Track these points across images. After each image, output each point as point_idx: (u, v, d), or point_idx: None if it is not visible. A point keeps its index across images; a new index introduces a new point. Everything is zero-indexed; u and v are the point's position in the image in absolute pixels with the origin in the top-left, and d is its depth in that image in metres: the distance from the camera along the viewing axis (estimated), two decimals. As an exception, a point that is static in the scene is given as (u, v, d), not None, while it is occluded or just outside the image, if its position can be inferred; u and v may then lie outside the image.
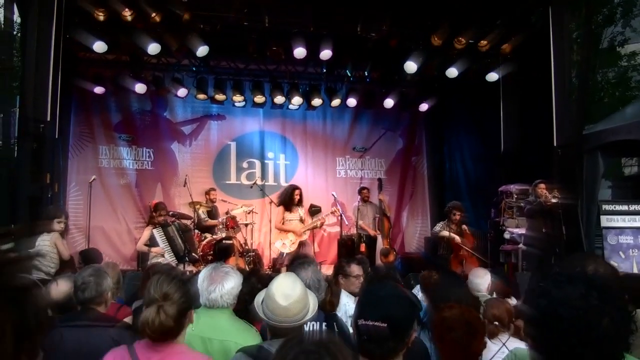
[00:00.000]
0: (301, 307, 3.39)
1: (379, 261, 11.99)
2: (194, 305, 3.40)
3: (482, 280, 5.95)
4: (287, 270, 4.38)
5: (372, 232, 12.54)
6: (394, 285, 3.04)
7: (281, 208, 11.75)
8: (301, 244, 11.53)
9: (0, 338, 1.13)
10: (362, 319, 2.55)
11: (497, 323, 4.61)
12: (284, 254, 11.45)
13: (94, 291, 4.02)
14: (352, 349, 2.70)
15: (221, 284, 3.86)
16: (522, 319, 3.54)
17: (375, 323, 2.49)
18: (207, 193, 12.68)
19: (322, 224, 12.26)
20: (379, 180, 13.46)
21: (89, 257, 9.66)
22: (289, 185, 12.29)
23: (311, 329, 4.01)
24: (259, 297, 3.55)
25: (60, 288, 4.31)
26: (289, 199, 11.66)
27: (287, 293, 3.36)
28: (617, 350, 1.86)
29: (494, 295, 5.70)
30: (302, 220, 11.72)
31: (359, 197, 12.98)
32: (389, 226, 13.07)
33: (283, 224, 11.60)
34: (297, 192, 11.72)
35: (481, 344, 3.31)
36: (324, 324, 4.19)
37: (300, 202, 11.80)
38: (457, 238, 10.78)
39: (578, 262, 2.64)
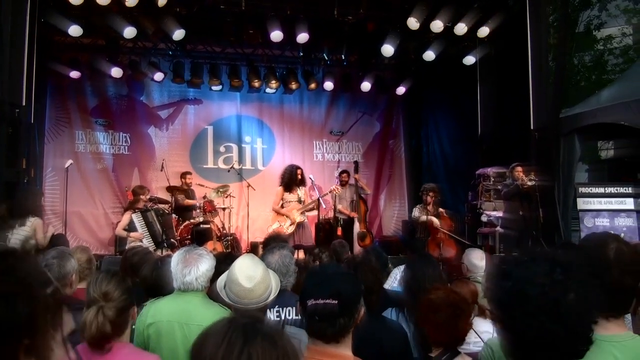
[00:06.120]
0: (265, 288, 3.43)
1: (356, 245, 11.98)
2: (169, 294, 3.33)
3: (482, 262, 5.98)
4: (263, 254, 4.38)
5: (350, 214, 12.43)
6: (337, 264, 3.05)
7: (280, 190, 11.49)
8: (300, 226, 11.39)
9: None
10: (311, 299, 2.52)
11: None
12: None
13: (57, 273, 4.01)
14: None
15: (196, 266, 3.81)
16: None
17: (326, 301, 2.47)
18: (183, 176, 12.62)
19: (318, 206, 11.79)
20: (355, 162, 13.38)
21: (56, 241, 9.58)
22: (289, 165, 11.96)
23: (286, 314, 4.03)
24: (221, 282, 3.56)
25: None
26: (292, 179, 11.48)
27: (250, 274, 3.39)
28: (585, 324, 1.90)
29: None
30: (300, 202, 11.53)
31: (337, 180, 12.87)
32: (366, 209, 13.00)
33: (282, 206, 11.45)
34: (299, 170, 11.56)
35: (466, 324, 3.35)
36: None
37: (302, 182, 11.64)
38: (436, 221, 10.80)
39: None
